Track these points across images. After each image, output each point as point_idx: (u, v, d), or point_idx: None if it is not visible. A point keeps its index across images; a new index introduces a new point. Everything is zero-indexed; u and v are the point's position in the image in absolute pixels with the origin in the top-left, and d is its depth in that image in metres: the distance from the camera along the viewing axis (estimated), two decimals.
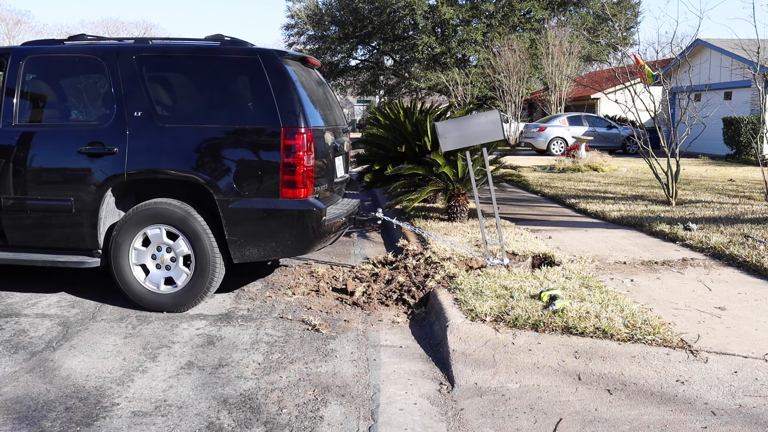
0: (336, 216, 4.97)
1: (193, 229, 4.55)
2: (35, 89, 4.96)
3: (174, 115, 4.78)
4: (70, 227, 4.68)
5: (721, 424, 2.97)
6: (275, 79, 4.57)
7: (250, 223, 4.56)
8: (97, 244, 4.69)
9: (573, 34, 29.14)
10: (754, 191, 10.70)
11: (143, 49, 4.79)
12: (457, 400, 3.31)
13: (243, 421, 3.07)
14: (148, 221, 4.60)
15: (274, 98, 4.53)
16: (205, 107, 4.76)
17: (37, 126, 4.87)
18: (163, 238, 4.63)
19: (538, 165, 16.69)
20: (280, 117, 4.51)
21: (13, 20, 47.49)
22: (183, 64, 4.84)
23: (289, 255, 4.84)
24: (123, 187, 4.71)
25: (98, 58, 4.78)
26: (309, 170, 4.57)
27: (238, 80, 4.73)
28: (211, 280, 4.61)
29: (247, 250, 4.63)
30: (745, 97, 20.82)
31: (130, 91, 4.67)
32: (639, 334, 3.68)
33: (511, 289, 4.47)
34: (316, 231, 4.64)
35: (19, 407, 3.21)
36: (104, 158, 4.59)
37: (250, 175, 4.56)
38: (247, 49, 4.75)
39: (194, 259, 4.59)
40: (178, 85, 4.96)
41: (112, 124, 4.64)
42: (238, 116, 4.64)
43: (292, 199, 4.54)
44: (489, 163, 7.58)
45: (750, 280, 5.05)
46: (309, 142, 4.54)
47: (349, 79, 42.65)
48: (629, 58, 15.39)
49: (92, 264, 4.70)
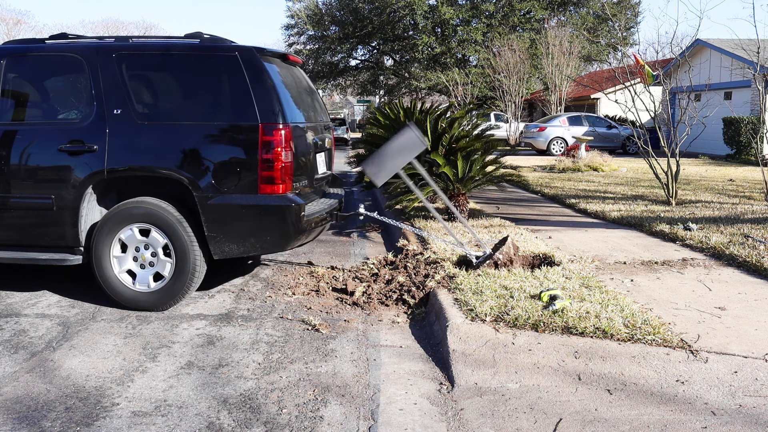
0: (316, 212, 4.99)
1: (172, 226, 4.58)
2: (16, 88, 4.99)
3: (153, 112, 4.81)
4: (51, 225, 4.71)
5: (721, 424, 2.97)
6: (253, 76, 4.60)
7: (228, 219, 4.59)
8: (78, 241, 4.71)
9: (573, 34, 29.14)
10: (754, 191, 10.70)
11: (123, 48, 4.81)
12: (457, 400, 3.31)
13: (243, 421, 3.07)
14: (126, 221, 4.63)
15: (252, 95, 4.56)
16: (185, 104, 4.79)
17: (18, 124, 4.88)
18: (137, 236, 4.65)
19: (538, 165, 16.69)
20: (258, 113, 4.54)
21: (13, 20, 47.53)
22: (162, 62, 4.86)
23: (269, 251, 4.86)
24: (104, 184, 4.74)
25: (78, 56, 4.80)
26: (287, 166, 4.60)
27: (216, 77, 4.74)
28: (192, 277, 4.64)
29: (227, 246, 4.66)
30: (745, 97, 20.82)
31: (109, 89, 4.70)
32: (639, 334, 3.68)
33: (511, 289, 4.47)
34: (296, 227, 4.67)
35: (19, 407, 3.21)
36: (84, 156, 4.62)
37: (229, 171, 4.59)
38: (225, 46, 4.77)
39: (174, 256, 4.62)
40: (158, 83, 4.99)
41: (92, 122, 4.67)
42: (217, 113, 4.66)
43: (270, 195, 4.57)
44: (486, 167, 7.60)
45: (750, 280, 5.05)
46: (287, 138, 4.57)
47: (349, 79, 42.65)
48: (629, 58, 15.40)
49: (74, 261, 4.73)
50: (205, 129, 4.62)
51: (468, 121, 8.54)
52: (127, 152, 4.62)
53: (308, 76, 28.37)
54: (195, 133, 4.61)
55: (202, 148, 4.60)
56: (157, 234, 4.61)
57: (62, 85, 5.16)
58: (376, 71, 40.43)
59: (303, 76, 5.74)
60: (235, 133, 4.60)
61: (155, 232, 4.62)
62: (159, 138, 4.62)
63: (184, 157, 4.60)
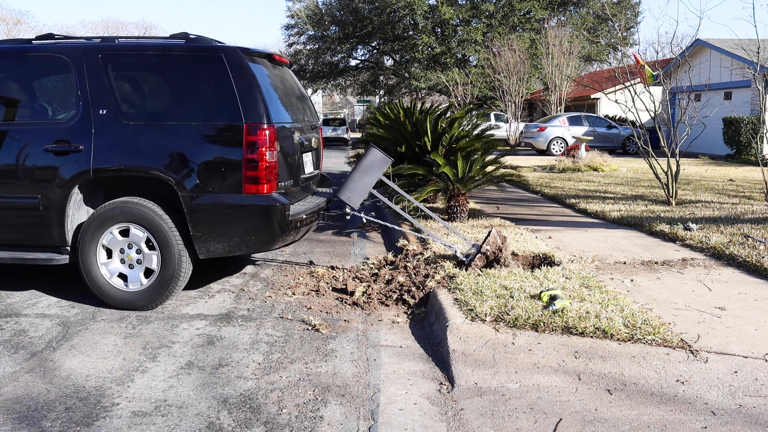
0: (302, 211, 5.00)
1: (157, 225, 4.59)
2: (3, 88, 5.00)
3: (139, 112, 4.81)
4: (38, 224, 4.72)
5: (721, 424, 2.97)
6: (238, 76, 4.62)
7: (213, 219, 4.61)
8: (65, 241, 4.73)
9: (573, 34, 29.14)
10: (754, 191, 10.70)
11: (108, 48, 4.82)
12: (457, 400, 3.31)
13: (243, 421, 3.07)
14: (111, 222, 4.64)
15: (236, 95, 4.58)
16: (170, 104, 4.80)
17: (4, 124, 4.88)
18: (118, 237, 4.67)
19: (538, 165, 16.69)
20: (242, 113, 4.55)
21: (13, 20, 47.57)
22: (148, 62, 4.87)
23: (254, 250, 4.87)
24: (90, 184, 4.75)
25: (64, 57, 4.81)
26: (272, 166, 4.61)
27: (201, 77, 4.75)
28: (177, 276, 4.65)
29: (212, 246, 4.67)
30: (745, 97, 20.82)
31: (95, 90, 4.71)
32: (639, 334, 3.68)
33: (511, 289, 4.47)
34: (281, 226, 4.69)
35: (19, 407, 3.21)
36: (70, 156, 4.63)
37: (214, 171, 4.60)
38: (210, 46, 4.78)
39: (160, 255, 4.63)
40: (144, 83, 5.00)
41: (78, 123, 4.68)
42: (201, 113, 4.66)
43: (255, 195, 4.59)
44: (486, 167, 7.60)
45: (750, 280, 5.05)
46: (272, 138, 4.58)
47: (349, 79, 42.62)
48: (629, 58, 15.40)
49: (60, 261, 4.74)
50: (191, 129, 4.63)
51: (468, 121, 8.55)
52: (113, 152, 4.63)
53: (308, 76, 28.23)
54: (180, 133, 4.63)
55: (187, 148, 4.62)
56: (138, 230, 4.63)
57: (49, 85, 5.18)
58: (376, 71, 40.41)
59: (290, 76, 5.76)
60: (220, 133, 4.61)
61: (138, 230, 4.63)
62: (145, 138, 4.63)
63: (170, 157, 4.61)
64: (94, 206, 4.88)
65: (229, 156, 4.58)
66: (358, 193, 5.43)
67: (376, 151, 5.45)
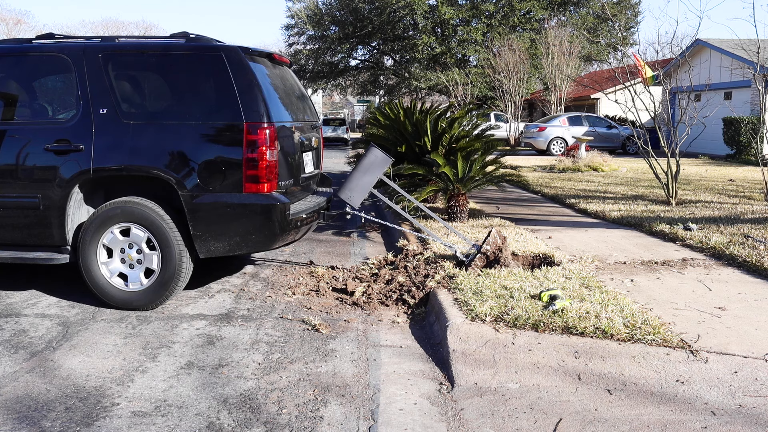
0: (302, 211, 5.00)
1: (158, 225, 4.59)
2: (3, 87, 5.00)
3: (139, 111, 4.81)
4: (38, 224, 4.72)
5: (721, 424, 2.97)
6: (238, 76, 4.62)
7: (214, 218, 4.61)
8: (65, 240, 4.73)
9: (573, 34, 29.13)
10: (754, 191, 10.70)
11: (108, 48, 4.82)
12: (457, 400, 3.31)
13: (243, 421, 3.07)
14: (111, 221, 4.64)
15: (237, 94, 4.58)
16: (170, 104, 4.80)
17: (4, 124, 4.88)
18: (119, 237, 4.67)
19: (538, 165, 16.69)
20: (242, 113, 4.55)
21: (13, 20, 47.58)
22: (148, 62, 4.87)
23: (254, 250, 4.87)
24: (90, 184, 4.75)
25: (65, 56, 4.82)
26: (272, 165, 4.62)
27: (202, 77, 4.75)
28: (178, 276, 4.65)
29: (212, 245, 4.67)
30: (745, 97, 20.82)
31: (95, 89, 4.71)
32: (639, 334, 3.68)
33: (511, 289, 4.47)
34: (281, 225, 4.69)
35: (19, 407, 3.21)
36: (70, 155, 4.64)
37: (214, 170, 4.60)
38: (210, 46, 4.78)
39: (160, 255, 4.63)
40: (144, 83, 5.00)
41: (78, 122, 4.68)
42: (202, 112, 4.66)
43: (255, 194, 4.59)
44: (486, 167, 7.60)
45: (750, 280, 5.05)
46: (272, 137, 4.59)
47: (349, 79, 42.61)
48: (629, 58, 15.40)
49: (61, 260, 4.74)
50: (191, 128, 4.63)
51: (468, 121, 8.55)
52: (113, 152, 4.63)
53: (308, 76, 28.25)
54: (181, 132, 4.63)
55: (187, 148, 4.61)
56: (139, 230, 4.63)
57: (49, 85, 5.18)
58: (376, 71, 40.40)
59: (290, 76, 5.76)
60: (220, 132, 4.61)
61: (138, 230, 4.63)
62: (145, 137, 4.63)
63: (170, 156, 4.61)
64: (94, 206, 4.88)
65: (230, 155, 4.58)
66: (359, 192, 5.45)
67: (376, 150, 5.48)
